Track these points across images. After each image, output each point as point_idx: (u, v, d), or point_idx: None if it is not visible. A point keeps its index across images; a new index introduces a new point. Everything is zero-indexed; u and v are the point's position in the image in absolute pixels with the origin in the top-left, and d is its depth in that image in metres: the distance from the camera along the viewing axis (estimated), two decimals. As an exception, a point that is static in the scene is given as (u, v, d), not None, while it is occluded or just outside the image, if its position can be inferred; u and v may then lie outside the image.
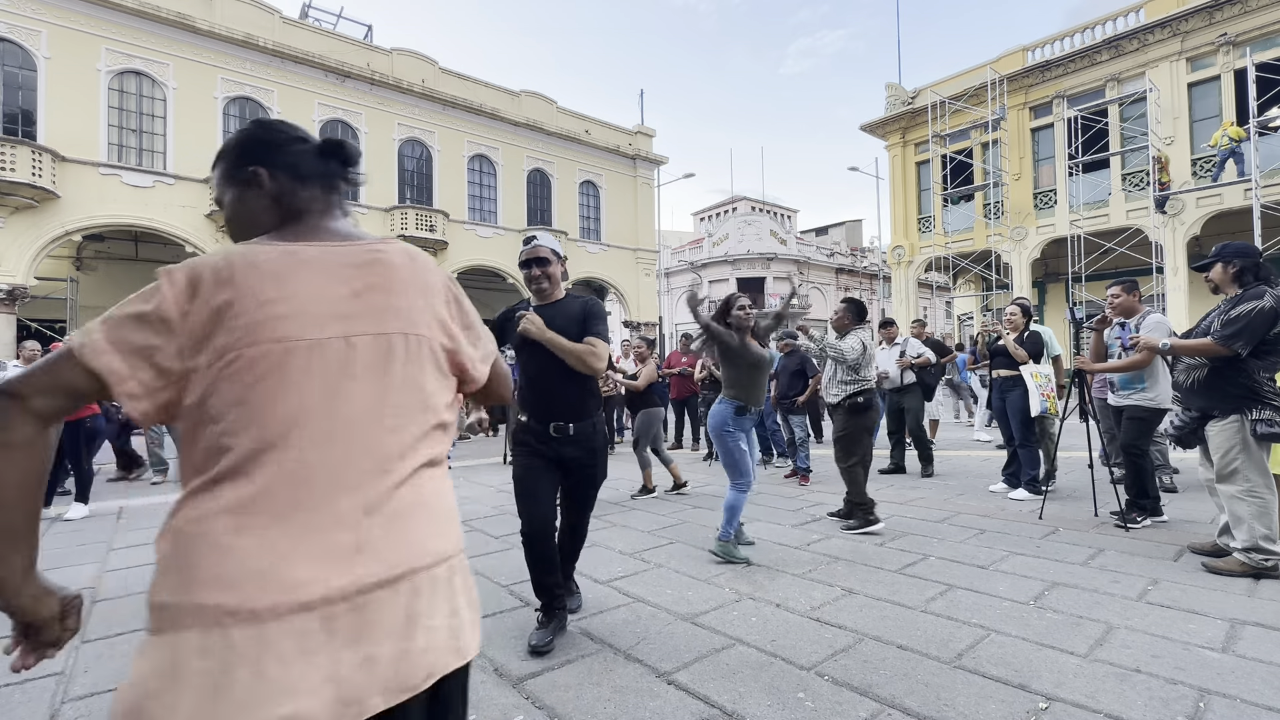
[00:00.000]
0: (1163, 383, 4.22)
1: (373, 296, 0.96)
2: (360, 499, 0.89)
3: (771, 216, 41.63)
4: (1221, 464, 3.26)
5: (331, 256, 0.96)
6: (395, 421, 0.94)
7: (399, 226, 17.87)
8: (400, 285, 0.99)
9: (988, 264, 19.12)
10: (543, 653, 2.48)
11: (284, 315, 0.87)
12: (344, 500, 0.87)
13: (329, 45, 17.69)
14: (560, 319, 2.53)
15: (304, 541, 0.84)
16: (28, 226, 13.39)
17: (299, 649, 0.80)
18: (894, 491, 5.66)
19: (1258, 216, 13.57)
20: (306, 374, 0.88)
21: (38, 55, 13.65)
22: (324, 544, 0.85)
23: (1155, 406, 4.23)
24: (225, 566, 0.80)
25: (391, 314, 0.97)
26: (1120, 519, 4.19)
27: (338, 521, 0.86)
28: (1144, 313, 4.39)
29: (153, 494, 6.45)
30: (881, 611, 2.83)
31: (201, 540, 0.82)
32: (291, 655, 0.79)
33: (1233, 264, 3.36)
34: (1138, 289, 4.52)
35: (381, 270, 0.98)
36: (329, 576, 0.83)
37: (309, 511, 0.85)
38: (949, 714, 1.97)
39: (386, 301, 0.97)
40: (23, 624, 0.85)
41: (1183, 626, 2.58)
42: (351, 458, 0.89)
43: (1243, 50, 14.70)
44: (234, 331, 0.85)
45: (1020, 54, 18.60)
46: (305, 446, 0.86)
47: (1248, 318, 3.14)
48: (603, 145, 23.20)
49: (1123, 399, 4.40)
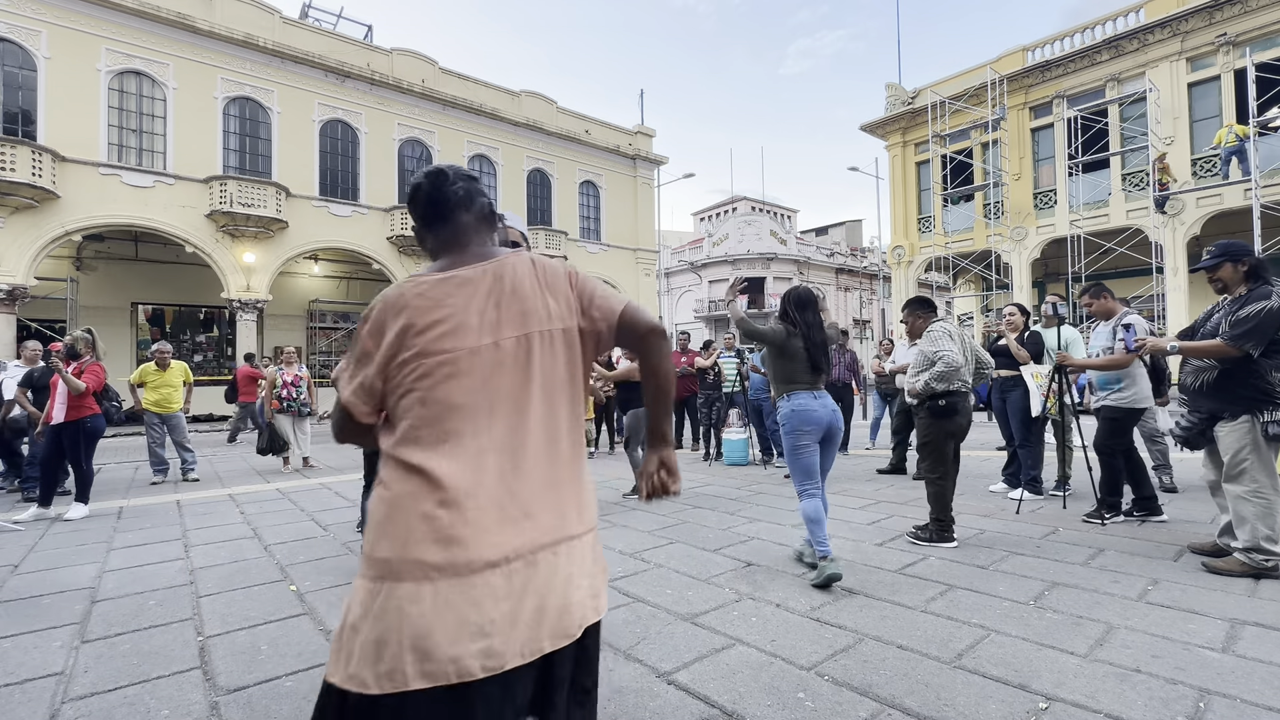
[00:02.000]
0: (1140, 383, 4.28)
1: (510, 304, 1.16)
2: (523, 474, 1.10)
3: (771, 216, 41.63)
4: (1231, 464, 3.23)
5: (478, 275, 1.17)
6: (542, 409, 1.14)
7: (399, 227, 17.86)
8: (529, 288, 1.18)
9: (988, 264, 19.13)
10: None
11: (448, 331, 1.11)
12: (510, 476, 1.08)
13: (329, 45, 17.69)
14: None
15: (486, 512, 1.05)
16: (28, 226, 13.39)
17: (489, 597, 1.02)
18: (894, 491, 5.65)
19: (1257, 216, 13.57)
20: (469, 375, 1.10)
21: (38, 55, 13.65)
22: (500, 513, 1.06)
23: (1131, 406, 4.29)
24: (432, 532, 1.03)
25: (527, 316, 1.16)
26: (1090, 516, 4.33)
27: (509, 494, 1.07)
28: (1122, 313, 4.46)
29: (153, 494, 6.45)
30: (881, 611, 2.83)
31: (411, 511, 1.05)
32: (484, 602, 1.02)
33: (1243, 262, 3.28)
34: (1106, 290, 4.59)
35: (513, 280, 1.18)
36: (508, 539, 1.05)
37: (486, 486, 1.06)
38: (949, 714, 1.97)
39: (522, 306, 1.16)
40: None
41: (1183, 626, 2.58)
42: (512, 442, 1.10)
43: (1243, 50, 14.70)
44: (413, 348, 1.11)
45: (1020, 54, 18.60)
46: (476, 434, 1.08)
47: (1258, 318, 3.08)
48: (603, 145, 23.20)
49: (1099, 399, 4.48)
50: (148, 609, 3.10)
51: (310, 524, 4.89)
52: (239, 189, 15.30)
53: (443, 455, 1.07)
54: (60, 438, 5.33)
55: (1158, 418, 5.44)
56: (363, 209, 17.85)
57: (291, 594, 3.27)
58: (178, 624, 2.89)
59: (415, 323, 1.11)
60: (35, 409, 6.11)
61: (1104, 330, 4.52)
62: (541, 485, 1.11)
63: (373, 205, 18.02)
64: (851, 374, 7.93)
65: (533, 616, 1.04)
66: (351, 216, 17.69)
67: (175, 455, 7.55)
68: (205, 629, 2.82)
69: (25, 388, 6.39)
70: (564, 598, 1.08)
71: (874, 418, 8.67)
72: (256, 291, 15.97)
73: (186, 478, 7.23)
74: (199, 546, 4.29)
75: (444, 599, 1.00)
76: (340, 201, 17.53)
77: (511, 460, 1.09)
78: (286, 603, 3.14)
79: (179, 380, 7.53)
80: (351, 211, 17.69)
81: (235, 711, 2.10)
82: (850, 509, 4.99)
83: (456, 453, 1.07)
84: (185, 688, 2.28)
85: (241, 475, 7.64)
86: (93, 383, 5.41)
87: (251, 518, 5.16)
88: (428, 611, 0.99)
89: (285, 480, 7.12)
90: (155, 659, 2.52)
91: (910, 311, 4.24)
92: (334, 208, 17.40)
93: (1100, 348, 4.48)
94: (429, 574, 1.01)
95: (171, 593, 3.34)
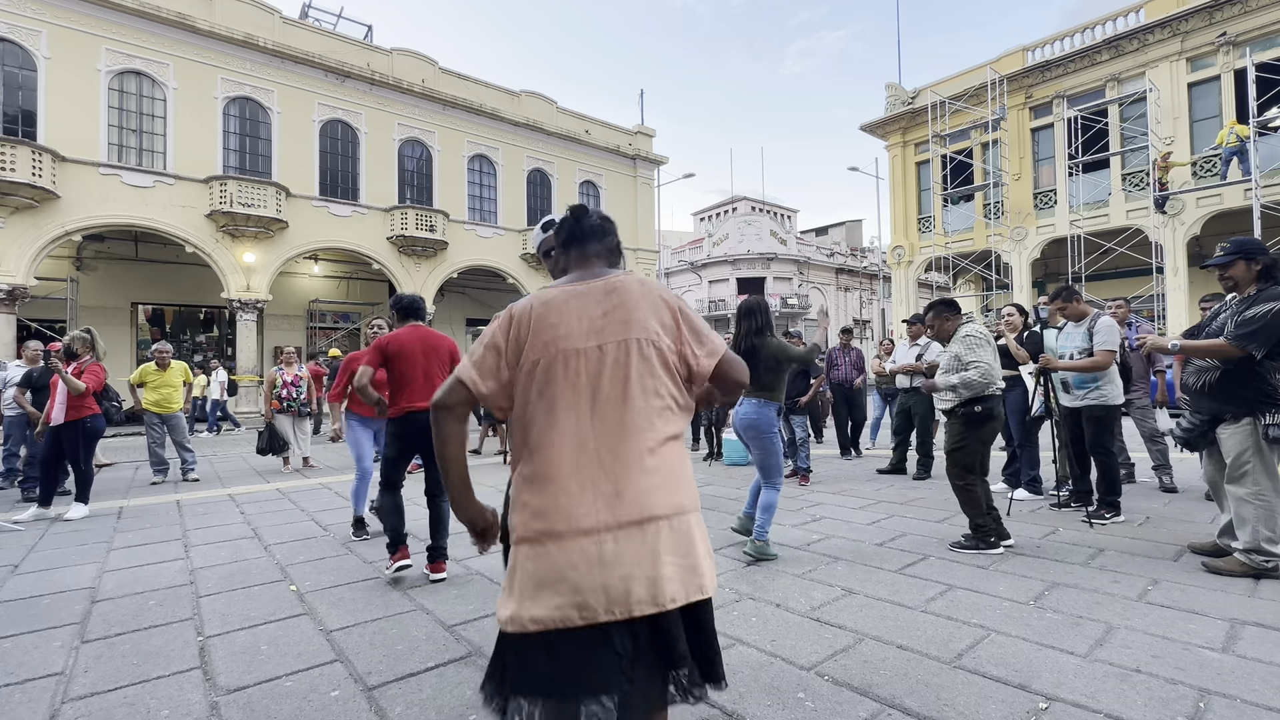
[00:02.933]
0: (1117, 381, 4.46)
1: (616, 314, 1.35)
2: (618, 460, 1.27)
3: (771, 216, 41.61)
4: (1233, 466, 3.21)
5: (591, 290, 1.38)
6: (639, 404, 1.31)
7: (399, 227, 17.86)
8: (634, 303, 1.36)
9: (988, 264, 19.12)
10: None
11: (563, 334, 1.32)
12: (607, 460, 1.27)
13: (329, 45, 17.69)
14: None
15: (584, 489, 1.25)
16: (28, 226, 13.39)
17: (584, 561, 1.22)
18: (894, 491, 5.65)
19: (1258, 216, 13.57)
20: (576, 373, 1.31)
21: (38, 55, 13.65)
22: (595, 491, 1.25)
23: (1112, 404, 4.41)
24: (543, 504, 1.26)
25: (628, 325, 1.34)
26: (1090, 516, 4.35)
27: (604, 474, 1.26)
28: (1094, 315, 4.50)
29: (153, 494, 6.44)
30: (881, 611, 2.83)
31: (527, 489, 1.29)
32: (579, 564, 1.21)
33: (1257, 261, 3.21)
34: (1077, 294, 4.68)
35: (621, 295, 1.37)
36: (599, 513, 1.24)
37: (585, 467, 1.26)
38: (949, 714, 1.97)
39: (625, 316, 1.35)
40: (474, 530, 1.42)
41: (1183, 626, 2.58)
42: (610, 431, 1.29)
43: (1243, 50, 14.70)
44: (535, 349, 1.32)
45: (1020, 54, 18.60)
46: (579, 423, 1.28)
47: (1265, 319, 3.03)
48: (603, 145, 23.20)
49: (1077, 399, 4.54)
50: (148, 609, 3.10)
51: (310, 524, 4.89)
52: (239, 189, 15.30)
53: (553, 440, 1.29)
54: (60, 438, 5.33)
55: (1157, 418, 5.44)
56: (363, 209, 17.85)
57: (291, 594, 3.27)
58: (178, 624, 2.89)
59: (538, 326, 1.33)
60: (35, 409, 6.12)
61: (1077, 332, 4.55)
62: (632, 471, 1.27)
63: (373, 205, 18.01)
64: (859, 373, 7.91)
65: (620, 582, 1.21)
66: (351, 216, 17.68)
67: (174, 455, 7.55)
68: (205, 629, 2.83)
69: (25, 388, 6.40)
70: (651, 570, 1.23)
71: (874, 418, 8.67)
72: (256, 291, 15.97)
73: (186, 478, 7.22)
74: (199, 546, 4.29)
75: (549, 560, 1.23)
76: (340, 201, 17.53)
77: (608, 447, 1.28)
78: (286, 603, 3.14)
79: (179, 380, 7.52)
80: (351, 211, 17.69)
81: (235, 711, 2.10)
82: (850, 509, 4.99)
83: (564, 438, 1.28)
84: (185, 688, 2.28)
85: (241, 475, 7.63)
86: (93, 383, 5.41)
87: (251, 518, 5.17)
88: (539, 569, 1.23)
89: (285, 480, 7.12)
90: (155, 659, 2.52)
91: (937, 314, 4.06)
92: (334, 208, 17.40)
93: (1074, 349, 4.51)
94: (540, 539, 1.25)
95: (171, 593, 3.34)
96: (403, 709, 2.09)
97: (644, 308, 1.36)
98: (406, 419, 3.53)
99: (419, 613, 2.96)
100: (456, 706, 2.10)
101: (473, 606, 3.03)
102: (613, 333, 1.33)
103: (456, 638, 2.67)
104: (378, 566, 3.71)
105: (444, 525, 3.55)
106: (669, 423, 1.34)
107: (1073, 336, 4.59)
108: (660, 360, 1.35)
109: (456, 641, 2.63)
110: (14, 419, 6.63)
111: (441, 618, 2.89)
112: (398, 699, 2.16)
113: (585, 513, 1.24)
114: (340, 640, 2.66)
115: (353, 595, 3.23)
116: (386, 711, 2.08)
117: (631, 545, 1.23)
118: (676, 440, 1.35)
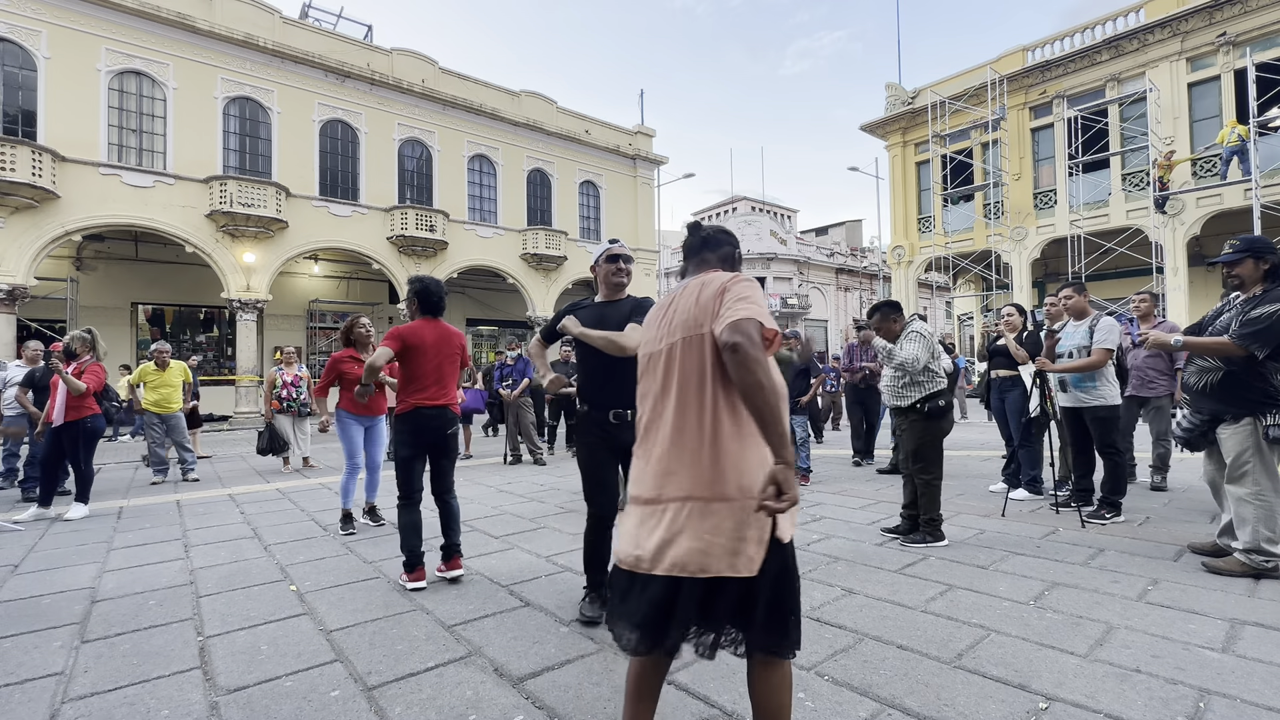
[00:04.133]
0: (1115, 380, 4.51)
1: (675, 317, 1.57)
2: (675, 445, 1.49)
3: (771, 216, 41.62)
4: (1233, 466, 3.21)
5: (672, 298, 1.63)
6: (691, 397, 1.49)
7: (399, 227, 17.86)
8: (686, 305, 1.55)
9: (988, 264, 19.12)
10: (596, 623, 2.73)
11: (649, 339, 1.65)
12: (668, 444, 1.51)
13: (329, 45, 17.68)
14: (615, 315, 2.83)
15: (650, 467, 1.54)
16: (28, 226, 13.39)
17: (644, 524, 1.51)
18: (894, 491, 5.65)
19: (1258, 216, 13.57)
20: (651, 371, 1.61)
21: (38, 55, 13.65)
22: (658, 468, 1.52)
23: (1113, 403, 4.47)
24: (633, 477, 1.61)
25: (681, 325, 1.54)
26: (1090, 516, 4.37)
27: (666, 456, 1.50)
28: (1095, 315, 4.49)
29: (153, 494, 6.45)
30: (881, 611, 2.83)
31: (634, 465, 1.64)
32: (641, 526, 1.52)
33: (1265, 260, 3.20)
34: (1086, 291, 4.71)
35: (681, 299, 1.58)
36: (656, 488, 1.51)
37: (652, 447, 1.55)
38: (949, 714, 1.97)
39: (681, 319, 1.54)
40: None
41: (1183, 626, 2.58)
42: (669, 418, 1.52)
43: (1243, 50, 14.70)
44: (643, 345, 1.68)
45: (1020, 54, 18.60)
46: (654, 413, 1.57)
47: (1270, 319, 3.02)
48: (603, 145, 23.19)
49: (1074, 399, 4.56)
50: (148, 609, 3.10)
51: (310, 524, 4.89)
52: (239, 189, 15.29)
53: (642, 426, 1.62)
54: (60, 438, 5.33)
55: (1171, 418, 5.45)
56: (363, 209, 17.84)
57: (291, 594, 3.27)
58: (178, 624, 2.89)
59: (646, 327, 1.70)
60: (36, 409, 6.12)
61: (1078, 331, 4.56)
62: (685, 455, 1.47)
63: (373, 205, 18.01)
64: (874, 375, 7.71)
65: (664, 547, 1.44)
66: (351, 216, 17.67)
67: (174, 456, 7.55)
68: (205, 629, 2.82)
69: (27, 388, 6.40)
70: (693, 540, 1.42)
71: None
72: (256, 291, 15.96)
73: (186, 478, 7.23)
74: (199, 546, 4.29)
75: (627, 519, 1.58)
76: (340, 201, 17.52)
77: (670, 433, 1.51)
78: (286, 603, 3.14)
79: (178, 380, 7.53)
80: (351, 211, 17.68)
81: (235, 711, 2.10)
82: (850, 509, 4.99)
83: (645, 425, 1.61)
84: (185, 688, 2.28)
85: (241, 475, 7.63)
86: (93, 383, 5.41)
87: (251, 518, 5.17)
88: (622, 523, 1.59)
89: (285, 480, 7.12)
90: (155, 659, 2.52)
91: (883, 316, 4.20)
92: (334, 208, 17.39)
93: (1074, 347, 4.52)
94: (628, 504, 1.59)
95: (171, 593, 3.34)
96: (403, 709, 2.09)
97: (698, 304, 1.51)
98: (417, 414, 3.44)
99: (419, 613, 2.96)
100: (456, 706, 2.10)
101: (473, 606, 3.03)
102: (673, 334, 1.56)
103: (456, 638, 2.67)
104: (378, 566, 3.71)
105: (455, 523, 3.50)
106: (719, 411, 1.47)
107: (1073, 335, 4.60)
108: (714, 355, 1.48)
109: (456, 641, 2.63)
110: (14, 419, 6.63)
111: (441, 618, 2.89)
112: (398, 699, 2.16)
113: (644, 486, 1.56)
114: (340, 640, 2.66)
115: (353, 595, 3.23)
116: (386, 711, 2.08)
117: (676, 517, 1.46)
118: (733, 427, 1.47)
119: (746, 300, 1.44)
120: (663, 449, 1.50)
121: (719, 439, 1.45)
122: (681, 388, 1.50)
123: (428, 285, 3.58)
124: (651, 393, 1.58)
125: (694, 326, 1.50)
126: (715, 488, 1.43)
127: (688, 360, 1.49)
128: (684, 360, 1.50)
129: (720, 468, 1.44)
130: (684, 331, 1.51)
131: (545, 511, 5.20)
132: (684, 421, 1.48)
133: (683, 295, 1.57)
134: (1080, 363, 4.40)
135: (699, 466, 1.45)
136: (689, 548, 1.42)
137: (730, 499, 1.42)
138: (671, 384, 1.52)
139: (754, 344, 1.36)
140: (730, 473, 1.44)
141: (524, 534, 4.46)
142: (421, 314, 3.59)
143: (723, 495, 1.43)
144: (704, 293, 1.51)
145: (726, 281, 1.50)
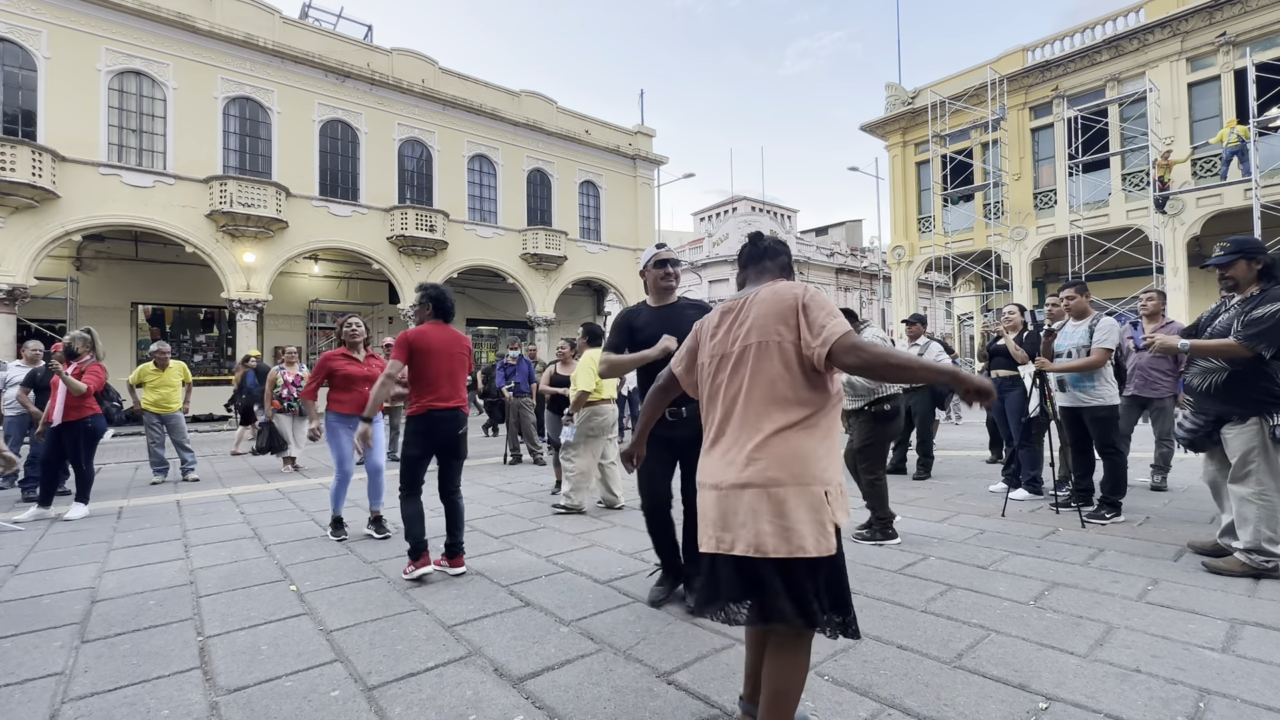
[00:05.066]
0: (1112, 382, 4.51)
1: (748, 321, 1.71)
2: (739, 436, 1.66)
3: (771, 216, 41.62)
4: (1238, 466, 3.21)
5: (739, 304, 1.77)
6: (759, 394, 1.64)
7: (399, 226, 17.85)
8: (761, 310, 1.69)
9: (988, 264, 19.12)
10: (659, 604, 2.95)
11: (716, 341, 1.78)
12: (732, 435, 1.68)
13: (329, 45, 17.67)
14: (678, 319, 2.98)
15: (718, 458, 1.70)
16: (28, 226, 13.38)
17: (713, 507, 1.67)
18: (894, 492, 5.64)
19: (1258, 216, 13.56)
20: (718, 371, 1.75)
21: (38, 55, 13.65)
22: (724, 459, 1.68)
23: (1112, 403, 4.48)
24: (701, 465, 1.77)
25: (755, 330, 1.68)
26: (1091, 517, 4.38)
27: (733, 447, 1.67)
28: (1095, 315, 4.50)
29: (153, 494, 6.45)
30: (881, 611, 2.83)
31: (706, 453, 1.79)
32: (712, 508, 1.67)
33: (1257, 260, 3.21)
34: (1088, 291, 4.72)
35: (752, 305, 1.73)
36: (723, 476, 1.66)
37: (720, 443, 1.72)
38: (949, 714, 1.97)
39: (755, 323, 1.69)
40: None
41: (1183, 626, 2.58)
42: (735, 415, 1.68)
43: (1243, 50, 14.69)
44: (704, 350, 1.83)
45: (1020, 54, 18.59)
46: (722, 407, 1.73)
47: (1273, 319, 3.03)
48: (603, 145, 23.18)
49: (1073, 399, 4.56)
50: (148, 609, 3.10)
51: (310, 524, 4.89)
52: (239, 189, 15.29)
53: (708, 420, 1.78)
54: (61, 438, 5.33)
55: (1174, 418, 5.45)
56: (363, 209, 17.84)
57: (291, 594, 3.27)
58: (178, 624, 2.89)
59: (706, 335, 1.83)
60: (36, 409, 6.12)
61: (1078, 330, 4.56)
62: (748, 446, 1.62)
63: (373, 205, 18.00)
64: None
65: (723, 526, 1.63)
66: (351, 216, 17.67)
67: (174, 455, 7.55)
68: (205, 629, 2.83)
69: (28, 388, 6.40)
70: (748, 521, 1.58)
71: None
72: (256, 291, 15.96)
73: (186, 478, 7.22)
74: (199, 546, 4.29)
75: (701, 502, 1.72)
76: (340, 201, 17.52)
77: (735, 425, 1.67)
78: (286, 603, 3.14)
79: (178, 380, 7.52)
80: (351, 211, 17.67)
81: (235, 711, 2.10)
82: (850, 509, 4.99)
83: (712, 419, 1.76)
84: (185, 688, 2.28)
85: (241, 475, 7.63)
86: (93, 383, 5.41)
87: (251, 518, 5.17)
88: (699, 506, 1.73)
89: (285, 480, 7.12)
90: (155, 659, 2.52)
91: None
92: (334, 208, 17.39)
93: (1074, 346, 4.52)
94: (700, 487, 1.74)
95: (171, 593, 3.34)
96: (403, 709, 2.09)
97: (770, 313, 1.67)
98: (429, 416, 3.50)
99: (419, 613, 2.96)
100: (456, 706, 2.10)
101: (472, 606, 3.03)
102: (744, 337, 1.69)
103: (456, 638, 2.67)
104: (378, 566, 3.71)
105: (460, 521, 3.57)
106: (785, 410, 1.62)
107: (1072, 335, 4.60)
108: (780, 358, 1.63)
109: (456, 641, 2.63)
110: (14, 419, 6.63)
111: (441, 618, 2.89)
112: (398, 699, 2.16)
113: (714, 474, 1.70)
114: (340, 640, 2.66)
115: (353, 595, 3.23)
116: (386, 711, 2.08)
117: (736, 502, 1.61)
118: (796, 425, 1.61)
119: (831, 314, 1.64)
120: (741, 441, 1.64)
121: (793, 432, 1.61)
122: (754, 385, 1.65)
123: (444, 292, 3.74)
124: (722, 390, 1.72)
125: (770, 332, 1.65)
126: (792, 474, 1.58)
127: (763, 361, 1.64)
128: (759, 361, 1.65)
129: (797, 457, 1.59)
130: (759, 336, 1.66)
131: (545, 511, 5.20)
132: (761, 417, 1.63)
133: (755, 302, 1.71)
134: (1079, 362, 4.41)
135: (774, 457, 1.59)
136: (768, 530, 1.55)
137: (807, 484, 1.58)
138: (743, 382, 1.66)
139: (863, 346, 1.56)
140: (805, 461, 1.60)
141: (524, 534, 4.46)
142: (434, 317, 3.67)
143: (801, 481, 1.58)
144: (781, 303, 1.66)
145: (800, 294, 1.66)
